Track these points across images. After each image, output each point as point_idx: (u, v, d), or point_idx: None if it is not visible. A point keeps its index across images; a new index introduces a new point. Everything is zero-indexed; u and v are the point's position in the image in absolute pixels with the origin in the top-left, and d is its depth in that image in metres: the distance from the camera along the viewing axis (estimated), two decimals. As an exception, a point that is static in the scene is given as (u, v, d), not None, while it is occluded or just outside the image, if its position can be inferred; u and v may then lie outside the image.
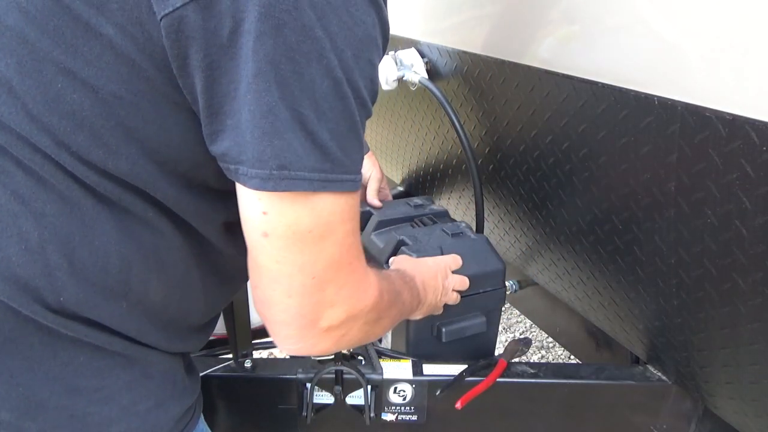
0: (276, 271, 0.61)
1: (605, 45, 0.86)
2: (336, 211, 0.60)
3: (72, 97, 0.56)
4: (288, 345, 0.67)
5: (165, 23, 0.53)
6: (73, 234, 0.59)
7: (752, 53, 0.66)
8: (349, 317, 0.66)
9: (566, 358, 2.57)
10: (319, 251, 0.61)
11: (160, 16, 0.53)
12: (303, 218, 0.59)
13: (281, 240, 0.59)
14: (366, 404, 1.03)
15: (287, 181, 0.56)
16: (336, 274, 0.63)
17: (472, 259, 1.13)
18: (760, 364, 0.83)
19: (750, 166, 0.69)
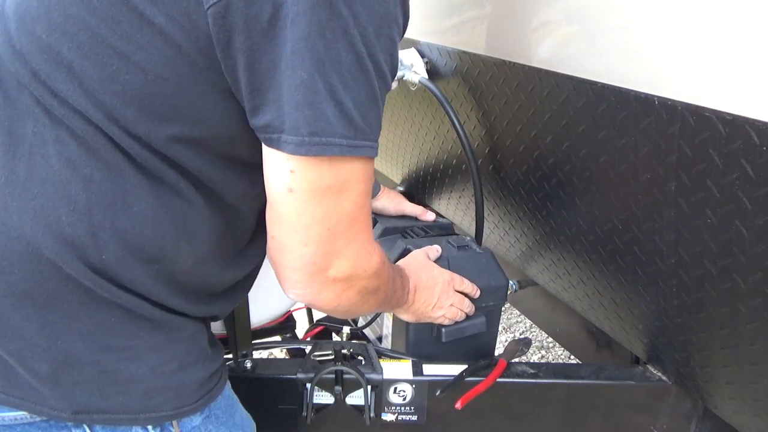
0: (296, 222, 0.68)
1: (605, 45, 0.86)
2: (354, 172, 0.68)
3: (125, 77, 0.63)
4: (295, 290, 0.74)
5: (211, 12, 0.60)
6: (116, 199, 0.66)
7: (752, 53, 0.66)
8: (353, 273, 0.75)
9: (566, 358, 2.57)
10: (336, 206, 0.69)
11: (207, 6, 0.60)
12: (326, 177, 0.66)
13: (304, 194, 0.67)
14: (366, 404, 1.03)
15: (318, 146, 0.63)
16: (348, 229, 0.71)
17: (477, 272, 1.13)
18: (760, 364, 0.83)
19: (750, 166, 0.69)
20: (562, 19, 0.94)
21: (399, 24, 0.68)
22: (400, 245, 1.18)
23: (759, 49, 0.65)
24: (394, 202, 1.37)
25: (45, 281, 0.65)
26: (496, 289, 1.15)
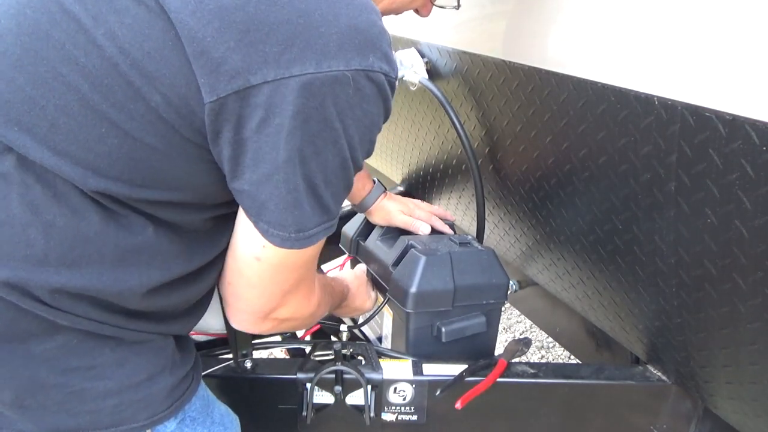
0: (256, 282, 0.76)
1: (605, 45, 0.86)
2: (316, 248, 0.75)
3: (113, 141, 0.63)
4: (239, 325, 0.82)
5: (209, 107, 0.62)
6: (76, 246, 0.65)
7: (752, 53, 0.66)
8: (292, 316, 0.84)
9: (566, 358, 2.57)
10: (293, 273, 0.77)
11: (206, 101, 0.61)
12: (292, 257, 0.73)
13: (270, 266, 0.74)
14: (366, 404, 1.03)
15: (301, 241, 0.70)
16: (297, 289, 0.80)
17: (479, 269, 1.13)
18: (760, 364, 0.83)
19: (750, 166, 0.69)
20: (562, 19, 0.94)
21: (380, 127, 0.73)
22: (403, 242, 1.18)
23: (759, 49, 0.65)
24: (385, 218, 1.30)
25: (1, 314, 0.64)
26: (498, 286, 1.15)
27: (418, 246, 1.14)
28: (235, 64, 0.60)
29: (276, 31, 0.61)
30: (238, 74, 0.60)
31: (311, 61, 0.62)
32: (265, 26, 0.61)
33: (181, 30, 0.60)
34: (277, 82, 0.61)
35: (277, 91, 0.61)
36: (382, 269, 1.21)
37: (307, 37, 0.62)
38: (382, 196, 1.30)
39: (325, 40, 0.62)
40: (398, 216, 1.28)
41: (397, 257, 1.16)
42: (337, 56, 0.63)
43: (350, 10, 0.65)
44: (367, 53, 0.65)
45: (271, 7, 0.61)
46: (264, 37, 0.61)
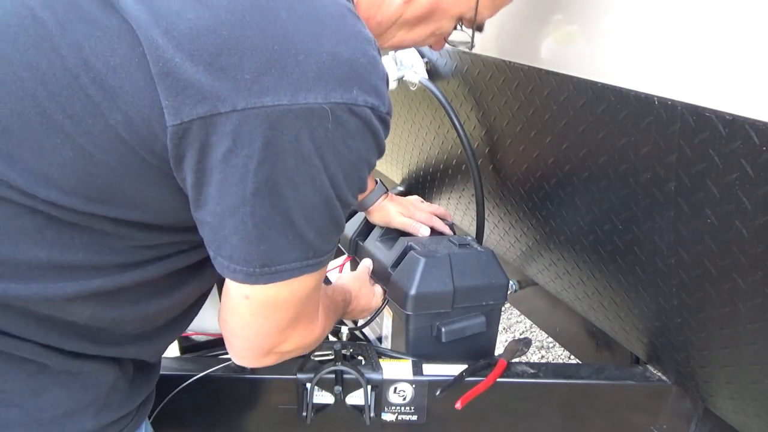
0: (249, 320, 0.71)
1: (605, 45, 0.86)
2: (309, 284, 0.70)
3: (67, 153, 0.59)
4: (240, 361, 0.77)
5: (171, 130, 0.57)
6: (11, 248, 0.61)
7: (752, 53, 0.66)
8: (295, 349, 0.78)
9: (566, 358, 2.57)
10: (287, 311, 0.71)
11: (169, 125, 0.57)
12: (282, 293, 0.68)
13: (259, 304, 0.68)
14: (366, 404, 1.03)
15: (268, 276, 0.65)
16: (296, 324, 0.75)
17: (479, 270, 1.13)
18: (760, 364, 0.83)
19: (750, 166, 0.69)
20: (562, 19, 0.94)
21: (371, 163, 0.68)
22: (402, 243, 1.18)
23: (758, 49, 0.65)
24: (384, 219, 1.30)
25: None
26: (497, 287, 1.14)
27: (417, 247, 1.14)
28: (203, 89, 0.56)
29: (250, 57, 0.56)
30: (206, 99, 0.56)
31: (286, 91, 0.57)
32: (239, 51, 0.56)
33: (148, 48, 0.56)
34: (247, 111, 0.56)
35: (246, 121, 0.57)
36: (381, 270, 1.21)
37: (283, 65, 0.57)
38: (383, 196, 1.29)
39: (302, 69, 0.57)
40: (397, 218, 1.28)
41: (396, 259, 1.16)
42: (315, 88, 0.57)
43: (335, 38, 0.59)
44: (350, 86, 0.59)
45: (246, 31, 0.57)
46: (237, 63, 0.56)
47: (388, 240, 1.26)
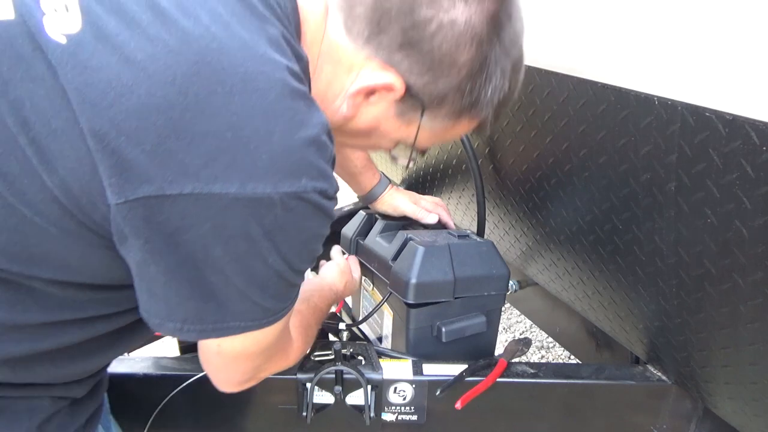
0: (222, 368, 0.73)
1: (605, 45, 0.86)
2: (273, 332, 0.70)
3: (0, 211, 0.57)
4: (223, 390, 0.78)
5: (115, 208, 0.55)
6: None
7: (752, 53, 0.66)
8: (274, 372, 0.82)
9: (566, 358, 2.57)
10: (258, 357, 0.73)
11: (112, 203, 0.55)
12: (247, 344, 0.69)
13: (229, 355, 0.70)
14: (366, 404, 1.03)
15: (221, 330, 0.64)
16: (269, 361, 0.77)
17: (479, 260, 1.13)
18: (760, 364, 0.83)
19: (750, 166, 0.69)
20: (562, 18, 0.94)
21: (323, 236, 0.67)
22: (402, 236, 1.19)
23: (758, 49, 0.65)
24: (393, 206, 1.34)
25: None
26: (498, 277, 1.15)
27: (417, 239, 1.15)
28: (150, 170, 0.54)
29: (200, 143, 0.54)
30: (152, 180, 0.54)
31: (235, 180, 0.55)
32: (189, 135, 0.54)
33: (85, 124, 0.54)
34: (195, 195, 0.55)
35: (195, 205, 0.55)
36: (382, 265, 1.21)
37: (233, 153, 0.55)
38: (389, 187, 1.33)
39: (253, 159, 0.56)
40: (406, 204, 1.31)
41: (396, 251, 1.16)
42: (265, 178, 0.56)
43: (288, 127, 0.58)
44: (299, 175, 0.59)
45: (198, 115, 0.54)
46: (186, 147, 0.54)
47: (388, 235, 1.26)
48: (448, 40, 0.66)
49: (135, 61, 0.54)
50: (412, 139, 0.77)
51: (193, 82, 0.55)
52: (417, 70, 0.67)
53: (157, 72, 0.54)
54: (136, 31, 0.55)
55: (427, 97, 0.70)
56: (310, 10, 0.69)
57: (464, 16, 0.65)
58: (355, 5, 0.67)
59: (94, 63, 0.54)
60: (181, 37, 0.56)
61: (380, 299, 1.23)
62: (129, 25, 0.55)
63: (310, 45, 0.69)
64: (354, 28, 0.67)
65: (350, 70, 0.70)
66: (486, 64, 0.69)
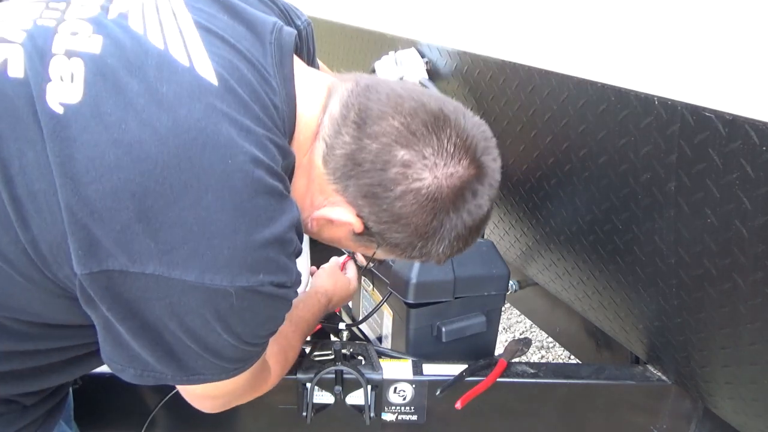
0: (197, 403, 0.78)
1: (605, 45, 0.86)
2: (239, 380, 0.73)
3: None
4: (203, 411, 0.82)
5: (79, 276, 0.58)
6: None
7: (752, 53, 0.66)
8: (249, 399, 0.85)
9: (566, 358, 2.57)
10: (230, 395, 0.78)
11: (77, 272, 0.58)
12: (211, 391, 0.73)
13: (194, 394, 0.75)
14: (366, 404, 1.03)
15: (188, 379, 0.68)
16: (243, 395, 0.82)
17: (479, 260, 1.13)
18: (760, 364, 0.83)
19: (750, 166, 0.69)
20: (562, 18, 0.94)
21: (282, 315, 0.70)
22: None
23: (758, 49, 0.65)
24: None
25: None
26: (498, 277, 1.15)
27: None
28: (115, 248, 0.57)
29: (166, 231, 0.57)
30: (116, 257, 0.57)
31: (194, 270, 0.58)
32: (157, 222, 0.57)
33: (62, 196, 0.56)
34: (155, 276, 0.58)
35: (155, 284, 0.58)
36: (383, 265, 1.21)
37: (195, 245, 0.58)
38: None
39: (213, 253, 0.58)
40: None
41: None
42: (222, 272, 0.59)
43: (253, 225, 0.61)
44: (257, 271, 0.61)
45: (170, 205, 0.57)
46: (153, 233, 0.57)
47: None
48: (408, 204, 0.70)
49: (122, 143, 0.57)
50: (370, 254, 0.83)
51: (171, 173, 0.57)
52: (375, 218, 0.72)
53: (140, 158, 0.57)
54: (131, 113, 0.58)
55: (382, 240, 0.76)
56: (305, 123, 0.73)
57: (429, 188, 0.69)
58: (337, 145, 0.70)
59: (84, 138, 0.57)
60: (171, 127, 0.58)
61: (380, 299, 1.23)
62: (125, 106, 0.58)
63: (296, 151, 0.72)
64: (330, 162, 0.71)
65: (321, 193, 0.74)
66: (441, 230, 0.73)
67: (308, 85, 0.74)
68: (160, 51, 0.62)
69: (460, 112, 0.73)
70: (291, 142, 0.72)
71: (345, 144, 0.70)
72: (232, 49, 0.67)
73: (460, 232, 0.74)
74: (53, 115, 0.57)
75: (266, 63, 0.69)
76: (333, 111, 0.72)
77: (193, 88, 0.61)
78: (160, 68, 0.61)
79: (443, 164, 0.69)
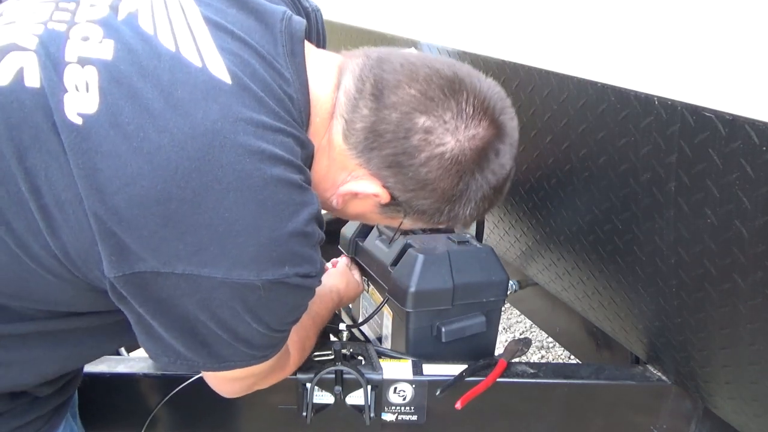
0: (217, 384, 0.81)
1: (605, 45, 0.86)
2: (267, 365, 0.76)
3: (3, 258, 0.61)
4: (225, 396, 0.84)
5: (110, 279, 0.61)
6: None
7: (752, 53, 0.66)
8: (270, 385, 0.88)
9: (566, 358, 2.57)
10: (254, 378, 0.80)
11: (108, 275, 0.60)
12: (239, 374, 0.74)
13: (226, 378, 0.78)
14: (366, 404, 1.03)
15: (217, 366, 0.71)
16: (266, 379, 0.85)
17: (478, 266, 1.13)
18: (760, 364, 0.83)
19: (750, 166, 0.69)
20: (562, 18, 0.94)
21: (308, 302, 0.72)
22: (401, 241, 1.19)
23: (758, 49, 0.65)
24: None
25: None
26: (497, 284, 1.15)
27: (416, 245, 1.15)
28: (145, 252, 0.59)
29: (193, 233, 0.60)
30: (146, 261, 0.60)
31: (222, 267, 0.61)
32: (183, 226, 0.59)
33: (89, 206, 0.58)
34: (186, 275, 0.60)
35: (185, 282, 0.61)
36: (380, 269, 1.21)
37: (222, 244, 0.60)
38: None
39: (240, 250, 0.61)
40: None
41: (395, 257, 1.16)
42: (249, 267, 0.61)
43: (276, 222, 0.63)
44: (282, 264, 0.63)
45: (194, 208, 0.59)
46: (179, 235, 0.59)
47: (388, 239, 1.26)
48: (434, 170, 0.71)
49: (142, 152, 0.58)
50: (396, 226, 0.84)
51: (192, 177, 0.59)
52: (401, 187, 0.73)
53: (161, 165, 0.58)
54: (148, 120, 0.59)
55: (409, 208, 0.76)
56: (320, 105, 0.74)
57: (453, 152, 0.70)
58: (356, 119, 0.71)
59: (105, 149, 0.58)
60: (188, 132, 0.59)
61: (380, 300, 1.23)
62: (142, 113, 0.60)
63: (314, 134, 0.74)
64: (351, 138, 0.72)
65: (343, 170, 0.75)
66: (467, 192, 0.74)
67: (319, 68, 0.75)
68: (172, 53, 0.63)
69: (474, 75, 0.73)
70: (308, 128, 0.73)
71: (364, 117, 0.70)
72: (243, 44, 0.67)
73: (486, 193, 0.75)
74: (73, 127, 0.59)
75: (277, 54, 0.70)
76: (347, 87, 0.72)
77: (207, 89, 0.62)
78: (173, 71, 0.62)
79: (464, 127, 0.70)
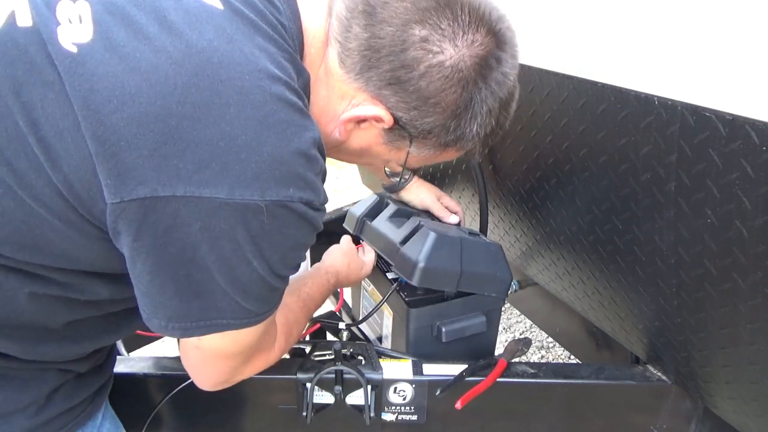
0: (201, 366, 0.76)
1: (605, 45, 0.86)
2: (254, 333, 0.73)
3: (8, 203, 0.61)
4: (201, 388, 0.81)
5: (110, 207, 0.59)
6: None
7: (752, 53, 0.66)
8: (251, 375, 0.84)
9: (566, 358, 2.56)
10: (237, 358, 0.76)
11: (108, 202, 0.59)
12: (227, 344, 0.72)
13: (208, 353, 0.73)
14: (366, 404, 1.03)
15: (205, 328, 0.67)
16: (248, 362, 0.80)
17: (485, 260, 1.13)
18: (760, 364, 0.83)
19: (750, 166, 0.69)
20: (562, 18, 0.94)
21: (307, 245, 0.70)
22: (414, 221, 1.18)
23: (758, 49, 0.65)
24: (420, 197, 1.32)
25: None
26: (500, 280, 1.14)
27: (429, 225, 1.14)
28: (145, 173, 0.58)
29: (193, 150, 0.58)
30: (146, 183, 0.58)
31: (224, 186, 0.59)
32: (183, 142, 0.58)
33: (87, 129, 0.57)
34: (186, 198, 0.58)
35: (185, 207, 0.59)
36: (388, 247, 1.19)
37: (224, 161, 0.59)
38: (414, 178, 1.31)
39: (242, 167, 0.59)
40: (432, 200, 1.31)
41: (406, 235, 1.15)
42: (252, 185, 0.60)
43: (279, 138, 0.61)
44: (287, 184, 0.62)
45: (194, 123, 0.58)
46: (180, 153, 0.58)
47: (398, 220, 1.25)
48: (435, 81, 0.68)
49: (139, 71, 0.58)
50: (402, 161, 0.81)
51: (191, 92, 0.58)
52: (404, 106, 0.71)
53: (159, 82, 0.58)
54: (143, 42, 0.59)
55: (414, 130, 0.73)
56: (313, 35, 0.72)
57: (452, 59, 0.68)
58: (350, 39, 0.69)
59: (101, 71, 0.58)
60: (185, 50, 0.59)
61: (380, 299, 1.23)
62: (137, 36, 0.59)
63: (310, 66, 0.72)
64: (347, 60, 0.70)
65: (342, 98, 0.73)
66: (471, 104, 0.72)
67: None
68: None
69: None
70: (303, 59, 0.71)
71: (357, 35, 0.69)
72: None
73: (491, 106, 0.73)
74: (68, 54, 0.58)
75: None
76: (339, 11, 0.71)
77: (199, 13, 0.62)
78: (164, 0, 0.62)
79: (462, 33, 0.68)
